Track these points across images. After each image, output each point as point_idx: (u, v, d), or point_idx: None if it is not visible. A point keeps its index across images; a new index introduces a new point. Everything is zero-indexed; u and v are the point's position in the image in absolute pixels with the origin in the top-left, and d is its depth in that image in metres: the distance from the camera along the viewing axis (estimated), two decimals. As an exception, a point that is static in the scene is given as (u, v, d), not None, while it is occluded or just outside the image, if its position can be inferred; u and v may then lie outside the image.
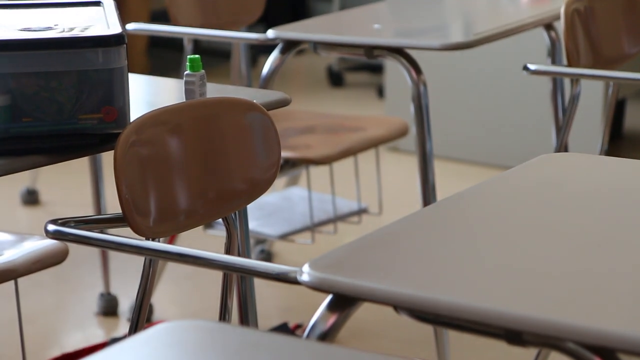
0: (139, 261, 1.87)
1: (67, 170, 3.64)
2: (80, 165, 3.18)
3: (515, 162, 4.16)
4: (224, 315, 1.98)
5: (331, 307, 1.37)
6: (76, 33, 1.78)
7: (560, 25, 2.71)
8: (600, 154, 2.80)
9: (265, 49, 3.40)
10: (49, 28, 1.80)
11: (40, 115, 1.75)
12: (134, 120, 1.79)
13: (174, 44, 5.34)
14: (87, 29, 1.82)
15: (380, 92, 5.23)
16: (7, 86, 1.73)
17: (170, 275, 3.38)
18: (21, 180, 4.01)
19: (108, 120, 1.79)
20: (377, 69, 5.43)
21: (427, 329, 2.82)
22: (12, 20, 1.87)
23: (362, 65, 5.65)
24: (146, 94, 2.24)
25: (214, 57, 5.58)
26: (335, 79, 5.58)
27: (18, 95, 1.74)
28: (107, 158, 1.98)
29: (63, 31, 1.79)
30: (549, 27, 3.12)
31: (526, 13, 3.08)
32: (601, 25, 2.79)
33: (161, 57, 5.83)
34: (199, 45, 5.56)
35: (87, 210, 3.57)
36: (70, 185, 4.18)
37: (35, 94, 1.74)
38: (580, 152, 3.87)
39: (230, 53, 3.60)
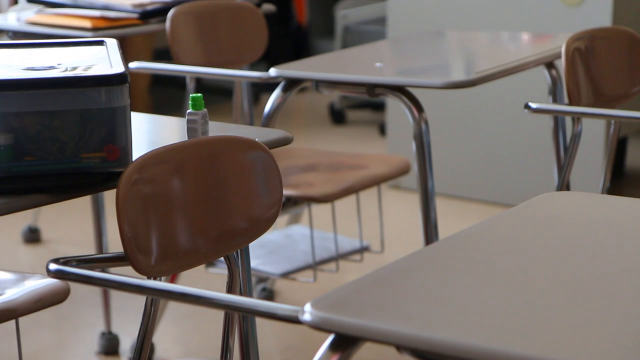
0: (140, 300, 1.87)
1: (69, 208, 3.64)
2: (82, 203, 3.18)
3: (517, 200, 4.15)
4: (225, 354, 1.97)
5: (333, 346, 1.36)
6: (79, 72, 1.79)
7: (562, 64, 2.72)
8: (602, 192, 2.79)
9: (267, 86, 3.41)
10: (52, 67, 1.81)
11: (42, 154, 1.75)
12: (136, 159, 1.79)
13: (176, 82, 5.36)
14: (90, 68, 1.82)
15: (382, 129, 5.24)
16: (9, 125, 1.73)
17: (172, 313, 3.38)
18: (23, 218, 4.01)
19: (110, 159, 1.79)
20: (379, 107, 5.44)
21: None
22: (15, 60, 1.88)
23: (364, 103, 5.67)
24: (148, 132, 2.24)
25: (216, 94, 5.59)
26: (337, 117, 5.59)
27: (21, 134, 1.74)
28: (109, 196, 1.98)
29: (66, 70, 1.80)
30: (550, 65, 3.13)
31: (527, 52, 3.09)
32: (602, 64, 2.80)
33: (163, 95, 5.85)
34: (201, 83, 5.58)
35: (88, 248, 3.57)
36: (72, 223, 4.17)
37: (38, 133, 1.74)
38: (582, 190, 3.88)
39: (232, 91, 3.61)
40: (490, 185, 4.34)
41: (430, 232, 2.81)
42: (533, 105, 2.67)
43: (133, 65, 3.11)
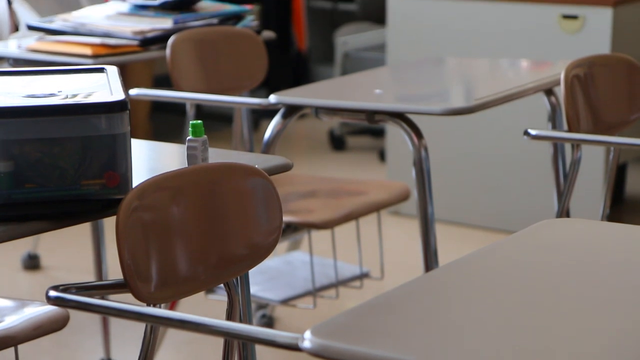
0: (139, 327, 1.87)
1: (69, 235, 3.64)
2: (82, 230, 3.18)
3: (516, 226, 4.15)
4: (225, 382, 1.96)
5: (333, 374, 1.36)
6: (79, 99, 1.79)
7: (561, 91, 2.73)
8: (601, 219, 2.79)
9: (267, 113, 3.42)
10: (53, 94, 1.81)
11: (42, 181, 1.75)
12: (136, 186, 1.79)
13: (176, 108, 5.37)
14: (90, 95, 1.83)
15: (382, 156, 5.24)
16: (10, 152, 1.73)
17: (171, 340, 3.37)
18: (22, 245, 4.01)
19: (110, 185, 1.79)
20: (379, 133, 5.45)
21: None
22: (16, 87, 1.88)
23: (364, 129, 5.68)
24: (148, 159, 2.25)
25: (216, 121, 5.60)
26: (337, 143, 5.59)
27: (21, 161, 1.74)
28: (109, 222, 1.98)
29: (66, 97, 1.80)
30: (549, 92, 3.14)
31: (526, 78, 3.09)
32: (601, 91, 2.80)
33: (164, 121, 5.86)
34: (201, 109, 5.59)
35: (88, 275, 3.57)
36: (72, 250, 4.17)
37: (38, 160, 1.75)
38: (582, 216, 3.88)
39: (232, 117, 3.62)
40: (490, 211, 4.34)
41: (430, 259, 2.81)
42: (532, 131, 2.68)
43: (133, 92, 3.11)
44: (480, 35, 4.23)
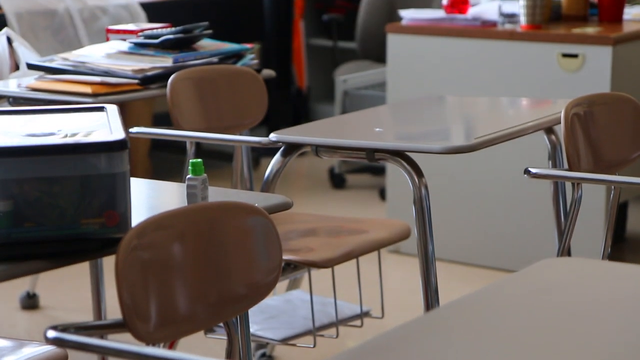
0: (139, 367, 1.85)
1: (68, 274, 3.63)
2: (81, 269, 3.17)
3: (517, 265, 4.14)
4: (224, 422, 1.95)
5: (333, 415, 1.34)
6: (79, 138, 1.79)
7: (561, 129, 2.73)
8: (602, 258, 2.79)
9: (267, 151, 3.42)
10: (52, 133, 1.81)
11: (42, 220, 1.75)
12: (136, 225, 1.79)
13: (176, 146, 5.37)
14: (90, 134, 1.83)
15: (382, 194, 5.24)
16: (9, 192, 1.73)
17: (171, 379, 3.34)
18: (21, 284, 3.99)
19: (110, 224, 1.79)
20: (379, 171, 5.45)
21: None
22: (16, 126, 1.88)
23: (364, 167, 5.67)
24: (148, 197, 2.24)
25: (216, 158, 5.60)
26: (337, 181, 5.59)
27: (20, 200, 1.74)
28: (108, 261, 1.97)
29: (66, 136, 1.80)
30: (549, 130, 3.14)
31: (526, 117, 3.09)
32: (601, 129, 2.80)
33: (163, 159, 5.86)
34: (201, 147, 5.59)
35: (87, 314, 3.55)
36: (71, 288, 4.16)
37: (37, 199, 1.74)
38: (583, 254, 3.87)
39: (232, 155, 3.61)
40: (491, 250, 4.33)
41: (430, 298, 2.80)
42: (533, 170, 2.67)
43: (133, 130, 3.11)
44: (480, 74, 4.24)
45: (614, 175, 2.79)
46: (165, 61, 3.32)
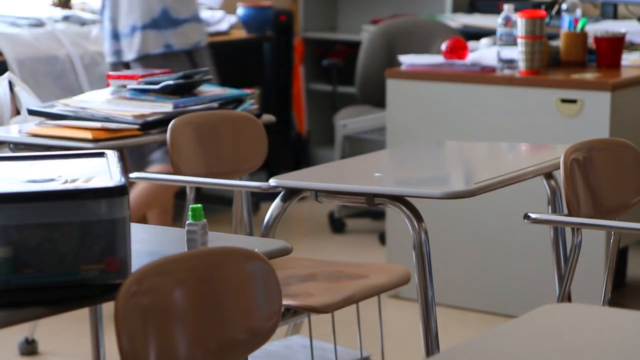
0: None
1: (67, 320, 3.62)
2: (80, 314, 3.16)
3: (517, 310, 4.13)
4: None
5: None
6: (79, 184, 1.80)
7: (560, 175, 2.73)
8: (603, 304, 2.78)
9: (267, 195, 3.42)
10: (52, 179, 1.82)
11: (41, 267, 1.75)
12: (136, 271, 1.79)
13: (176, 191, 5.37)
14: (90, 179, 1.83)
15: (382, 238, 5.23)
16: (9, 238, 1.73)
17: None
18: (19, 330, 3.98)
19: (110, 270, 1.79)
20: (379, 216, 5.45)
21: None
22: (16, 172, 1.88)
23: (364, 212, 5.67)
24: (148, 243, 2.24)
25: (216, 203, 5.61)
26: (337, 226, 5.59)
27: (20, 246, 1.74)
28: (108, 306, 1.97)
29: (66, 182, 1.81)
30: (548, 176, 3.15)
31: (526, 162, 3.10)
32: (601, 174, 2.81)
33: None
34: (201, 191, 5.60)
35: None
36: (70, 334, 4.14)
37: (37, 245, 1.74)
38: (584, 300, 3.85)
39: (232, 200, 3.62)
40: (491, 295, 4.32)
41: (431, 343, 2.79)
42: (532, 215, 2.68)
43: (133, 175, 3.12)
44: (479, 119, 4.25)
45: (613, 220, 2.79)
46: (166, 106, 3.34)
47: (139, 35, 4.45)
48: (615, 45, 4.27)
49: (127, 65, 4.54)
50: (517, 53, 4.14)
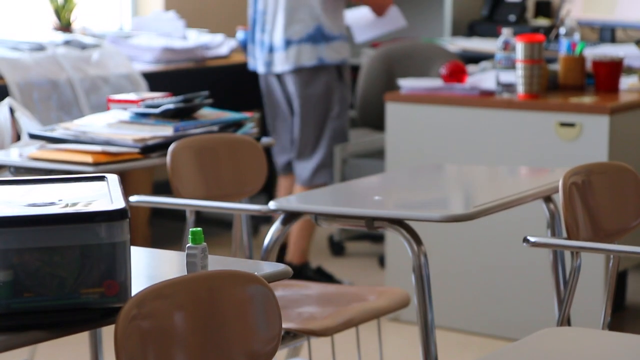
0: None
1: (67, 343, 3.61)
2: (80, 338, 3.16)
3: (517, 334, 4.12)
4: None
5: None
6: (79, 208, 1.80)
7: (559, 198, 2.74)
8: (602, 327, 2.78)
9: (267, 218, 3.43)
10: (52, 203, 1.82)
11: (41, 290, 1.75)
12: (135, 295, 1.79)
13: (176, 214, 5.38)
14: (90, 203, 1.84)
15: (382, 261, 5.23)
16: (9, 262, 1.73)
17: None
18: (19, 353, 3.96)
19: (109, 294, 1.79)
20: (379, 239, 5.45)
21: None
22: (16, 196, 1.89)
23: (364, 235, 5.68)
24: (148, 266, 2.25)
25: (216, 226, 5.61)
26: (337, 249, 5.59)
27: (20, 270, 1.74)
28: (108, 330, 1.97)
29: (66, 206, 1.81)
30: (547, 199, 3.15)
31: (525, 185, 3.11)
32: (600, 198, 2.81)
33: (163, 227, 5.87)
34: (200, 215, 5.60)
35: (85, 382, 3.52)
36: (70, 358, 4.14)
37: (37, 269, 1.75)
38: (583, 323, 3.85)
39: (232, 223, 3.62)
40: (491, 318, 4.32)
41: (430, 366, 2.79)
42: (531, 238, 2.68)
43: (133, 199, 3.12)
44: (478, 142, 4.26)
45: (612, 244, 2.79)
46: (166, 130, 3.35)
47: (295, 48, 4.79)
48: (614, 69, 4.28)
49: (277, 77, 4.91)
50: (515, 77, 4.15)
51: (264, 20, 4.87)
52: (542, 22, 5.70)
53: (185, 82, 5.10)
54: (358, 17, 5.16)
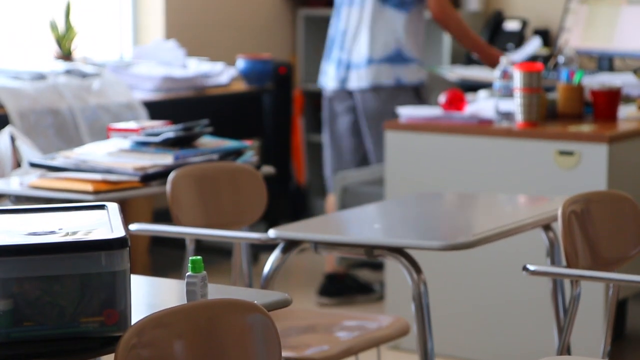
0: None
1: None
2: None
3: (517, 363, 4.10)
4: None
5: None
6: (79, 237, 1.81)
7: (558, 227, 2.74)
8: (603, 356, 2.78)
9: (266, 246, 3.43)
10: (53, 232, 1.83)
11: (41, 319, 1.75)
12: (135, 323, 1.79)
13: (175, 242, 5.37)
14: (90, 232, 1.84)
15: (382, 289, 5.23)
16: (9, 291, 1.74)
17: None
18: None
19: (109, 323, 1.79)
20: (378, 267, 5.45)
21: None
22: (16, 225, 1.89)
23: (363, 263, 5.67)
24: (147, 295, 2.25)
25: (216, 254, 5.61)
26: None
27: (20, 299, 1.74)
28: (107, 358, 1.97)
29: (66, 235, 1.82)
30: (547, 227, 3.16)
31: (524, 214, 3.11)
32: (599, 227, 2.82)
33: (163, 255, 5.87)
34: (200, 243, 5.59)
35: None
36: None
37: (37, 298, 1.75)
38: (583, 352, 3.84)
39: (231, 251, 3.62)
40: (491, 346, 4.32)
41: (430, 395, 2.79)
42: (531, 267, 2.68)
43: (133, 227, 3.13)
44: (477, 170, 4.27)
45: (612, 272, 2.79)
46: (166, 158, 3.36)
47: (375, 67, 4.96)
48: (612, 98, 4.30)
49: (349, 93, 5.07)
50: (514, 105, 4.16)
51: (343, 39, 5.05)
52: (541, 51, 5.72)
53: (186, 111, 5.12)
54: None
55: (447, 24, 4.94)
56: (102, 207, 2.02)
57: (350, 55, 5.03)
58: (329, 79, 5.15)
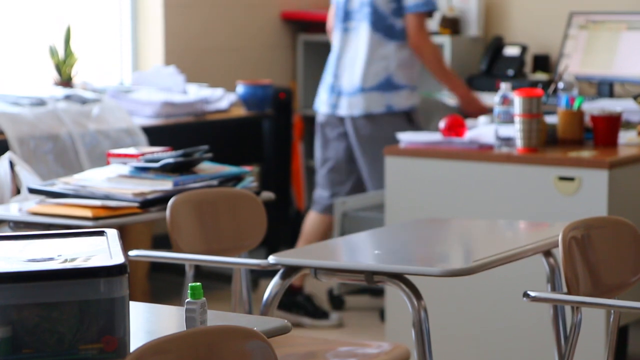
0: None
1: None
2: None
3: (518, 389, 4.08)
4: None
5: None
6: (78, 263, 1.80)
7: (559, 253, 2.73)
8: (604, 382, 2.77)
9: (266, 272, 3.42)
10: (51, 259, 1.82)
11: (40, 346, 1.75)
12: (134, 350, 1.78)
13: (175, 268, 5.37)
14: (89, 258, 1.84)
15: (382, 315, 5.22)
16: (8, 318, 1.73)
17: None
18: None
19: (108, 350, 1.78)
20: (379, 293, 5.44)
21: None
22: (16, 251, 1.89)
23: (364, 289, 5.66)
24: (146, 322, 2.24)
25: (215, 280, 5.59)
26: (336, 303, 5.57)
27: (19, 326, 1.74)
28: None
29: (65, 261, 1.81)
30: (547, 254, 3.15)
31: (524, 240, 3.11)
32: (599, 253, 2.81)
33: (162, 281, 5.85)
34: (200, 268, 5.58)
35: None
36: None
37: (36, 325, 1.74)
38: (584, 379, 3.82)
39: (231, 277, 3.62)
40: (491, 372, 4.30)
41: (431, 422, 2.78)
42: (532, 293, 2.67)
43: (132, 253, 3.12)
44: (477, 196, 4.27)
45: (613, 299, 2.79)
46: (166, 184, 3.35)
47: (366, 95, 5.04)
48: (612, 123, 4.30)
49: (340, 119, 5.14)
50: (514, 131, 4.16)
51: (337, 64, 5.12)
52: (541, 76, 5.73)
53: (185, 137, 5.12)
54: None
55: (422, 52, 5.02)
56: (101, 233, 2.02)
57: (341, 82, 5.10)
58: (321, 104, 5.20)
